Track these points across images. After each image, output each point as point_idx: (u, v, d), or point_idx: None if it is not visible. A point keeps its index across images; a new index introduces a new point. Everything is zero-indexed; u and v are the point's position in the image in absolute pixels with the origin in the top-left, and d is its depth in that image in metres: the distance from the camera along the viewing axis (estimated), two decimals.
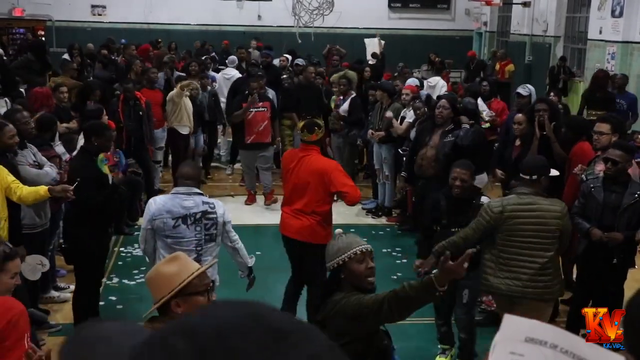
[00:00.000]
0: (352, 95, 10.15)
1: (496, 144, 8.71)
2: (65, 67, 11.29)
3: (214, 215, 4.97)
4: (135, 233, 8.53)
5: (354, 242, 3.62)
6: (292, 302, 6.06)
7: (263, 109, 9.53)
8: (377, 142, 9.21)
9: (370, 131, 9.22)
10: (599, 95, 10.38)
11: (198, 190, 5.05)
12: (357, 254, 3.57)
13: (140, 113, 9.07)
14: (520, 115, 7.30)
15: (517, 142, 7.19)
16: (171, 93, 9.76)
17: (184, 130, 9.83)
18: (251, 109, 9.41)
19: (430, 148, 7.36)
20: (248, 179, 10.08)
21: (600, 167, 5.76)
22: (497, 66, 16.77)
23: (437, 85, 11.58)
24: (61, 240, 6.00)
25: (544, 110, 6.92)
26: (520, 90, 8.74)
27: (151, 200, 5.13)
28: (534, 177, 5.09)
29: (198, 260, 4.74)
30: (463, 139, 7.22)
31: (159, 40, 18.06)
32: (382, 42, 17.14)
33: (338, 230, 3.83)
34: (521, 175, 5.19)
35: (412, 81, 10.26)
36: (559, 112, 7.46)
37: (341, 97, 10.20)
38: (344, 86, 10.20)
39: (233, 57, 13.79)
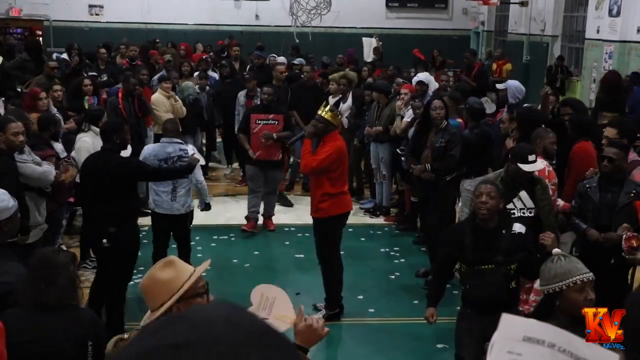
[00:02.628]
0: (351, 94, 10.16)
1: None
2: (44, 66, 10.61)
3: (187, 158, 6.66)
4: None
5: (574, 270, 3.39)
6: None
7: (273, 122, 8.49)
8: (374, 141, 9.20)
9: (367, 127, 9.22)
10: (615, 98, 10.33)
11: (178, 140, 6.88)
12: (577, 283, 3.35)
13: (138, 109, 9.10)
14: (505, 114, 7.42)
15: (507, 141, 7.18)
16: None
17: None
18: (258, 121, 8.50)
19: (427, 148, 7.33)
20: (251, 200, 8.75)
21: None
22: (494, 66, 16.76)
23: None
24: (104, 240, 5.82)
25: (568, 114, 7.04)
26: (498, 85, 9.29)
27: (145, 147, 7.17)
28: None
29: (174, 189, 6.71)
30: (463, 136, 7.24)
31: (157, 40, 18.04)
32: (380, 43, 17.18)
33: (556, 250, 3.62)
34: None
35: (424, 77, 10.22)
36: (582, 113, 7.44)
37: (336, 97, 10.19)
38: (344, 86, 10.20)
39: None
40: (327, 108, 6.31)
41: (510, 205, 5.36)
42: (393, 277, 7.45)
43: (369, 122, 9.26)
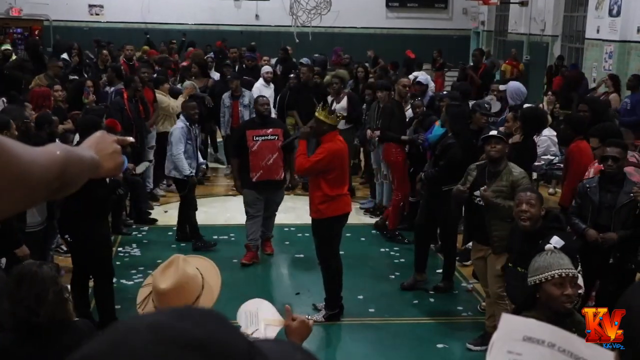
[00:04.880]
0: (347, 93, 10.13)
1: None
2: (50, 65, 10.89)
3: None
4: (133, 233, 8.54)
5: (556, 264, 3.45)
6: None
7: (272, 138, 7.49)
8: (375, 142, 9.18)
9: (368, 131, 9.18)
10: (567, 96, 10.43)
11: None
12: (554, 277, 3.42)
13: (141, 111, 9.14)
14: (509, 114, 7.37)
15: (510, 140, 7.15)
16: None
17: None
18: (255, 138, 7.46)
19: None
20: (250, 224, 7.68)
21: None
22: (507, 67, 16.28)
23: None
24: (66, 236, 5.96)
25: (584, 112, 7.07)
26: (499, 85, 9.47)
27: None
28: None
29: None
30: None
31: (173, 41, 18.02)
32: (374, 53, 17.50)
33: (548, 246, 3.68)
34: None
35: (423, 78, 10.20)
36: (599, 113, 7.41)
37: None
38: (337, 85, 10.17)
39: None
40: (320, 107, 6.32)
41: (476, 192, 5.72)
42: (393, 277, 7.45)
43: (369, 122, 9.24)
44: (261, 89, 11.11)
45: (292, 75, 11.74)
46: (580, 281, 3.71)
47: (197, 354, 0.72)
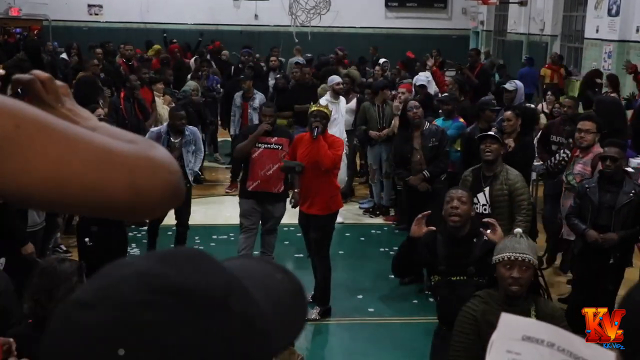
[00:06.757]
0: (357, 96, 10.11)
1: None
2: (87, 64, 11.38)
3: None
4: (133, 233, 8.53)
5: (510, 247, 3.58)
6: None
7: (276, 147, 6.84)
8: (380, 142, 9.14)
9: (371, 131, 9.16)
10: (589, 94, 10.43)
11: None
12: (503, 259, 3.56)
13: (138, 110, 9.14)
14: (509, 112, 7.25)
15: (507, 140, 7.14)
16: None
17: None
18: (258, 145, 6.85)
19: (416, 152, 7.27)
20: (244, 238, 7.06)
21: (579, 167, 5.82)
22: (548, 72, 14.99)
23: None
24: (86, 239, 5.86)
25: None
26: (507, 85, 9.20)
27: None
28: None
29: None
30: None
31: (174, 40, 18.02)
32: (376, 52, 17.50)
33: (517, 230, 3.83)
34: None
35: (423, 78, 10.23)
36: (611, 114, 7.40)
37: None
38: (347, 85, 10.15)
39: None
40: (319, 102, 6.45)
41: (474, 200, 5.58)
42: (393, 276, 7.44)
43: (370, 123, 9.20)
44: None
45: (278, 76, 11.75)
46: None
47: (180, 300, 0.76)
